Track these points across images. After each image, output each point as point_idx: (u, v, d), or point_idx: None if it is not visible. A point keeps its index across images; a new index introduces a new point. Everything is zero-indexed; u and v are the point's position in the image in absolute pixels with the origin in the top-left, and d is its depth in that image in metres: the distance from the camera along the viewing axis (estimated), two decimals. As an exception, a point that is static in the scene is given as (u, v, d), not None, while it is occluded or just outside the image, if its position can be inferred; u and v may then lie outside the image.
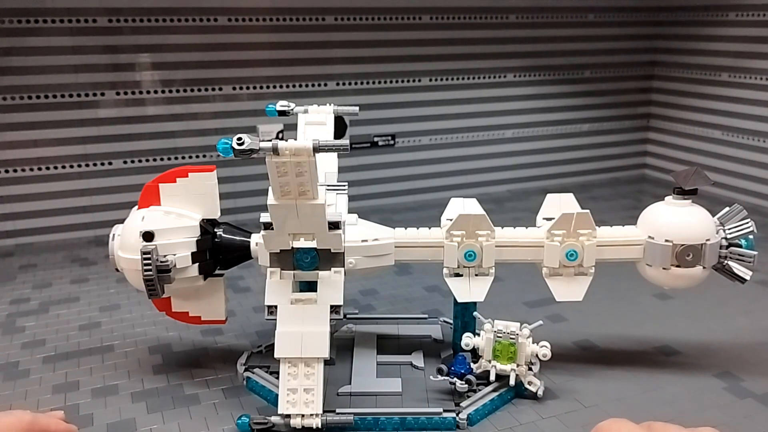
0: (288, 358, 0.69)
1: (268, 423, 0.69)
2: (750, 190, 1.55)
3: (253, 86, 1.41)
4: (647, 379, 0.81)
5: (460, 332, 0.79)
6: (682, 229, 0.76)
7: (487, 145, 1.65)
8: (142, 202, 0.77)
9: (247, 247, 0.78)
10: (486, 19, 1.55)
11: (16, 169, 1.30)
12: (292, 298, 0.71)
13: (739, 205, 0.79)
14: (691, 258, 0.76)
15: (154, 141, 1.37)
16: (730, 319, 0.97)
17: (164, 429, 0.73)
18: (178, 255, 0.74)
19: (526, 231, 0.79)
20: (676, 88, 1.72)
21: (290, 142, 0.60)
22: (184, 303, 0.80)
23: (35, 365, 0.86)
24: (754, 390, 0.79)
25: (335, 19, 1.43)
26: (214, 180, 0.77)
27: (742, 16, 1.52)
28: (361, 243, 0.75)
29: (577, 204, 0.81)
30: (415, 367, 0.81)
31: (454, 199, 0.84)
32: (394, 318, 0.95)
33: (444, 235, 0.76)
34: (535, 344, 0.75)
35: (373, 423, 0.72)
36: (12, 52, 1.24)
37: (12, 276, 1.16)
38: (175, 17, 1.33)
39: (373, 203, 1.55)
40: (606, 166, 1.80)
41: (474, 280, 0.76)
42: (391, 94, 1.52)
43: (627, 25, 1.70)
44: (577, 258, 0.76)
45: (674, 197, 0.79)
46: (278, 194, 0.63)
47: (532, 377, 0.76)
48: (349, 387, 0.77)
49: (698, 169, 0.78)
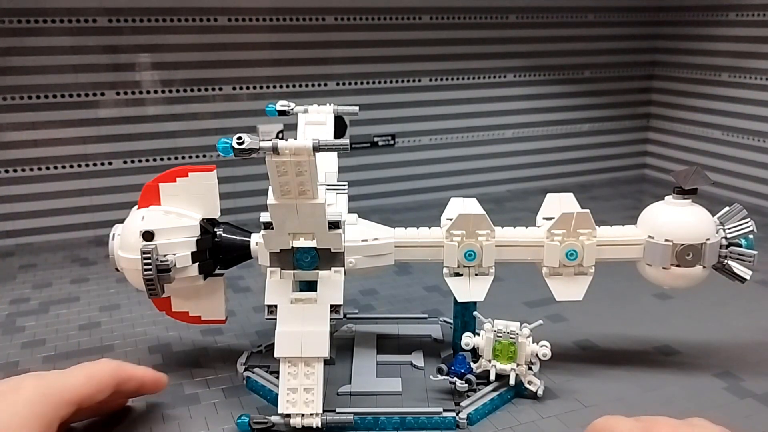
0: (288, 358, 0.69)
1: (268, 422, 0.69)
2: (750, 190, 1.55)
3: (253, 86, 1.41)
4: (647, 379, 0.81)
5: (460, 332, 0.79)
6: (682, 229, 0.76)
7: (487, 145, 1.65)
8: (142, 201, 0.77)
9: (247, 246, 0.78)
10: (486, 19, 1.55)
11: (16, 169, 1.30)
12: (292, 298, 0.71)
13: (739, 205, 0.79)
14: (691, 257, 0.76)
15: (154, 141, 1.37)
16: (730, 319, 0.97)
17: (164, 429, 0.73)
18: (178, 254, 0.74)
19: (526, 231, 0.79)
20: (676, 88, 1.72)
21: (290, 142, 0.60)
22: (184, 303, 0.80)
23: (35, 365, 0.86)
24: (754, 390, 0.79)
25: (335, 19, 1.43)
26: (214, 180, 0.77)
27: (742, 16, 1.52)
28: (361, 242, 0.75)
29: (577, 204, 0.81)
30: (415, 366, 0.81)
31: (454, 199, 0.84)
32: (394, 318, 0.95)
33: (444, 234, 0.76)
34: (535, 344, 0.75)
35: (373, 422, 0.72)
36: (12, 52, 1.25)
37: (12, 276, 1.16)
38: (175, 17, 1.33)
39: (373, 203, 1.55)
40: (606, 166, 1.80)
41: (474, 279, 0.76)
42: (391, 94, 1.52)
43: (627, 25, 1.70)
44: (577, 258, 0.76)
45: (674, 197, 0.78)
46: (278, 194, 0.63)
47: (532, 377, 0.76)
48: (349, 386, 0.77)
49: (698, 169, 0.78)
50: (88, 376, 0.65)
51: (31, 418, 0.58)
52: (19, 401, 0.59)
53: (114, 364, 0.69)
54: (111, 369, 0.68)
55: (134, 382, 0.71)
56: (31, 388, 0.60)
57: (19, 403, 0.59)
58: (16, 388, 0.61)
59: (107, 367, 0.68)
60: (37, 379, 0.63)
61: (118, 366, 0.69)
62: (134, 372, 0.71)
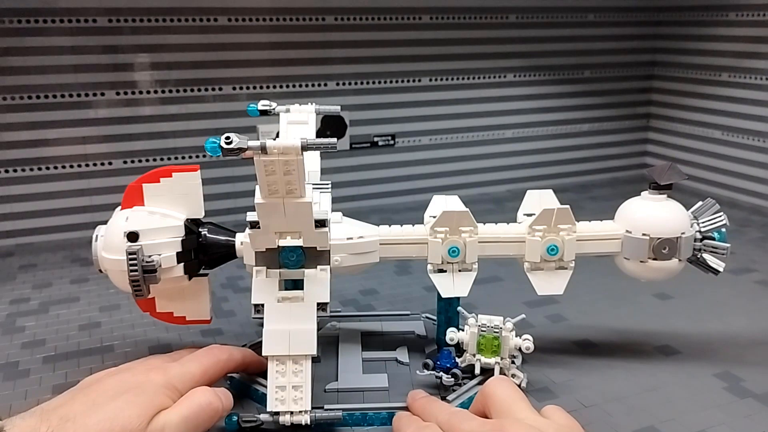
0: (276, 356, 0.70)
1: (257, 421, 0.70)
2: (750, 190, 1.55)
3: (253, 86, 1.41)
4: (647, 379, 0.81)
5: (444, 327, 0.80)
6: (658, 223, 0.78)
7: (487, 145, 1.65)
8: (125, 202, 0.77)
9: (232, 246, 0.78)
10: (486, 19, 1.55)
11: (16, 169, 1.30)
12: (278, 296, 0.71)
13: (712, 200, 0.81)
14: (667, 251, 0.77)
15: (153, 141, 1.37)
16: (730, 319, 0.97)
17: (164, 429, 0.73)
18: (164, 255, 0.74)
19: (507, 227, 0.80)
20: (676, 88, 1.72)
21: (278, 141, 0.60)
22: (169, 303, 0.79)
23: (35, 365, 0.86)
24: (754, 390, 0.79)
25: (335, 19, 1.43)
26: (198, 180, 0.76)
27: (742, 16, 1.52)
28: (346, 241, 0.75)
29: (556, 200, 0.82)
30: (400, 362, 0.82)
31: (436, 197, 0.85)
32: (377, 315, 0.95)
33: (428, 231, 0.77)
34: (518, 338, 0.76)
35: (361, 418, 0.72)
36: (12, 52, 1.25)
37: (12, 276, 1.16)
38: (175, 17, 1.33)
39: (373, 203, 1.55)
40: (606, 166, 1.80)
41: (458, 275, 0.77)
42: (391, 94, 1.52)
43: (627, 25, 1.70)
44: (558, 252, 0.77)
45: (650, 192, 0.80)
46: (266, 193, 0.64)
47: (516, 370, 0.77)
48: (336, 383, 0.77)
49: (673, 165, 0.80)
50: (203, 372, 0.70)
51: (152, 411, 0.62)
52: (146, 396, 0.63)
53: (225, 355, 0.74)
54: (223, 362, 0.73)
55: (241, 368, 0.77)
56: (158, 385, 0.65)
57: (145, 398, 0.63)
58: (144, 383, 0.65)
59: (221, 359, 0.73)
60: (163, 374, 0.67)
61: (229, 357, 0.74)
62: (242, 360, 0.76)
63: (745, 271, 1.14)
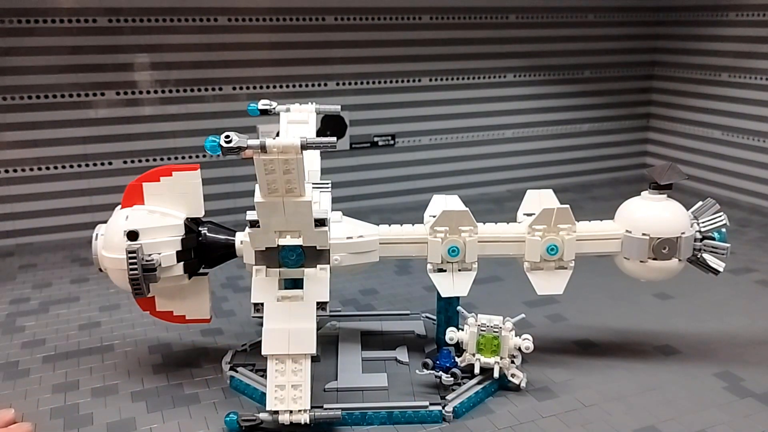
0: (275, 355, 0.70)
1: (256, 420, 0.70)
2: (750, 190, 1.55)
3: (253, 86, 1.41)
4: (647, 378, 0.81)
5: (444, 327, 0.80)
6: (658, 223, 0.78)
7: (487, 145, 1.65)
8: (125, 201, 0.77)
9: (232, 245, 0.78)
10: (486, 19, 1.55)
11: (16, 169, 1.30)
12: (278, 296, 0.71)
13: (712, 200, 0.81)
14: (667, 251, 0.77)
15: (153, 141, 1.37)
16: (730, 319, 0.97)
17: (164, 428, 0.73)
18: (163, 254, 0.74)
19: (507, 226, 0.80)
20: (676, 88, 1.72)
21: (278, 140, 0.60)
22: (169, 302, 0.79)
23: (35, 365, 0.86)
24: (754, 389, 0.79)
25: (335, 19, 1.43)
26: (198, 178, 0.76)
27: (742, 16, 1.52)
28: (346, 240, 0.75)
29: (556, 199, 0.82)
30: (400, 362, 0.82)
31: (436, 196, 0.85)
32: (377, 314, 0.95)
33: (428, 231, 0.77)
34: (517, 337, 0.76)
35: (360, 417, 0.72)
36: (12, 52, 1.25)
37: (12, 276, 1.16)
38: (175, 17, 1.33)
39: (373, 203, 1.55)
40: (606, 166, 1.80)
41: (457, 275, 0.77)
42: (391, 94, 1.52)
43: (627, 25, 1.70)
44: (557, 252, 0.77)
45: (650, 192, 0.80)
46: (265, 192, 0.64)
47: (515, 369, 0.77)
48: (335, 383, 0.77)
49: (673, 165, 0.80)
50: None
51: None
52: None
53: None
54: None
55: None
56: None
57: None
58: None
59: None
60: None
61: None
62: None
63: (745, 271, 1.14)
